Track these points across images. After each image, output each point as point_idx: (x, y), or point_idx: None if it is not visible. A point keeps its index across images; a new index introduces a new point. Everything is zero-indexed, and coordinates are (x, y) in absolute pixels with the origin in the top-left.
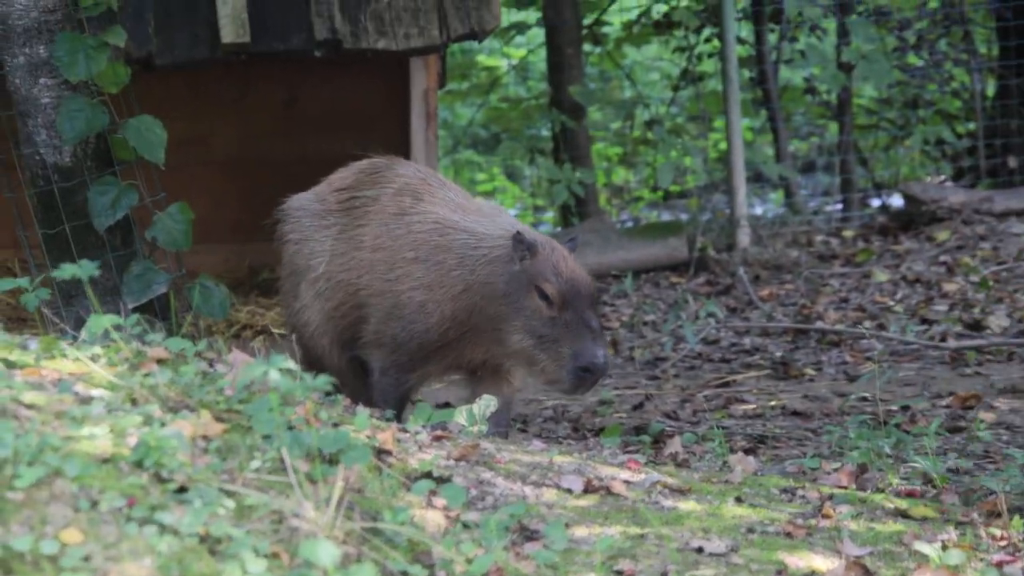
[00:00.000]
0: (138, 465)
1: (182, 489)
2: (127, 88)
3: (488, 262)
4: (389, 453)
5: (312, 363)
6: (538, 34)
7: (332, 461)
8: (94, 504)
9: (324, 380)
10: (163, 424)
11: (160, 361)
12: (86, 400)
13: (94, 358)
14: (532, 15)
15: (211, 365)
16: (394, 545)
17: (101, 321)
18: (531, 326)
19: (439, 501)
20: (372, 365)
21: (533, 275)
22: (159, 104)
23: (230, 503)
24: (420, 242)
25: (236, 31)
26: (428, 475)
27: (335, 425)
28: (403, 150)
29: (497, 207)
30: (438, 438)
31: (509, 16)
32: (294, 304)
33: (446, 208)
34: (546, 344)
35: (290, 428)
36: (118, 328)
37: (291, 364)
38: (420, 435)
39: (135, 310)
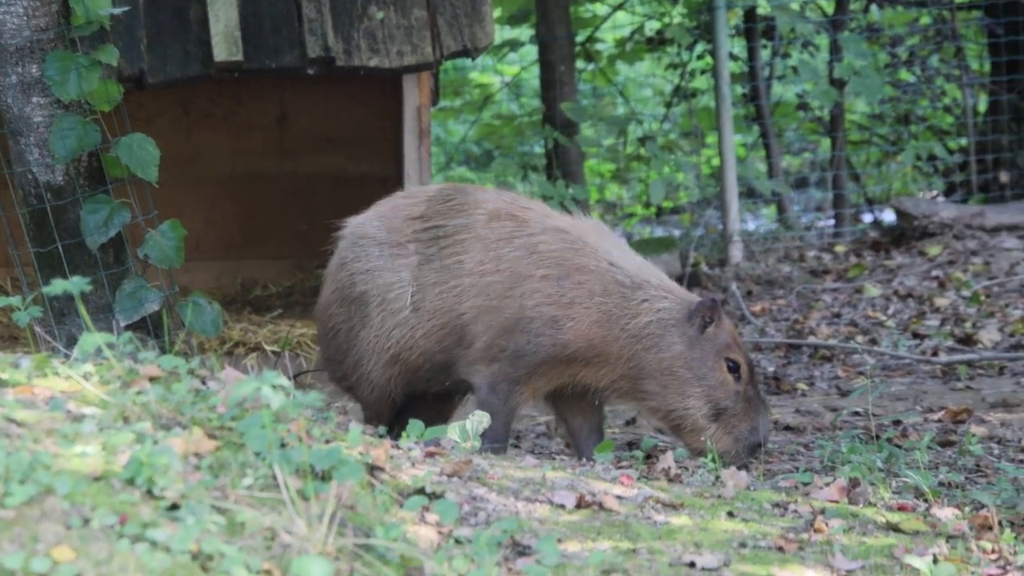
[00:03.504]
0: (130, 482)
1: (174, 506)
2: (119, 106)
3: (654, 312)
4: (382, 469)
5: (365, 390)
6: (531, 51)
7: (325, 478)
8: (86, 521)
9: (316, 396)
10: (155, 441)
11: (152, 379)
12: (78, 418)
13: (86, 376)
14: (525, 32)
15: (204, 382)
16: (386, 561)
17: (93, 339)
18: (714, 397)
19: (432, 517)
20: (478, 383)
21: (720, 347)
22: (151, 122)
23: (222, 520)
24: (552, 261)
25: (229, 49)
26: (421, 491)
27: (327, 442)
28: (396, 167)
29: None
30: (431, 454)
31: (502, 33)
32: (359, 332)
33: (569, 228)
34: (724, 417)
35: (282, 445)
36: (110, 346)
37: (283, 381)
38: (413, 451)
39: (127, 328)
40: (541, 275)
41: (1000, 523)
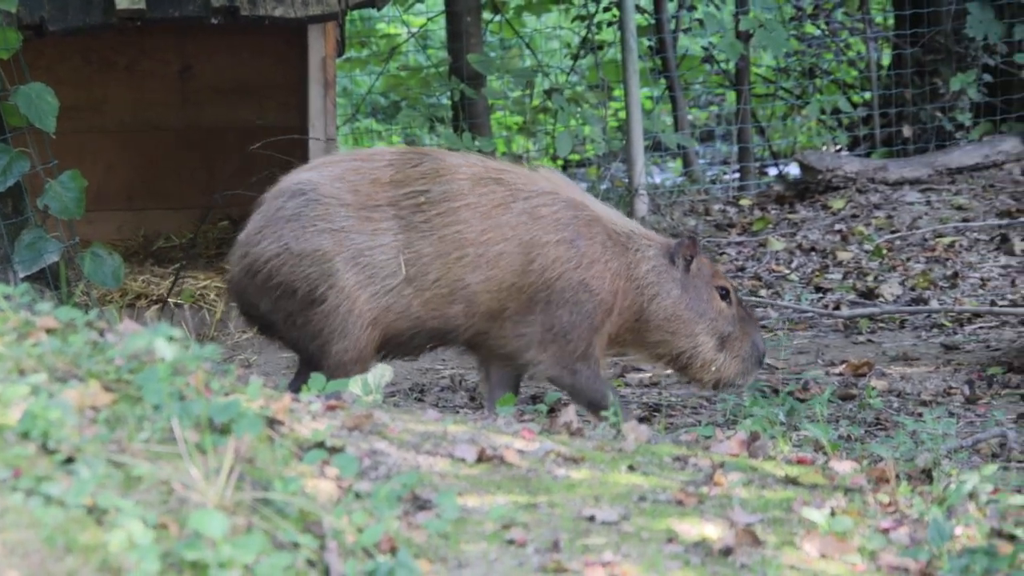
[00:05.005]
0: (24, 436)
1: (69, 460)
2: (18, 54)
3: (649, 260)
4: (281, 423)
5: (338, 350)
6: (437, 2)
7: (223, 431)
8: None
9: (214, 349)
10: (50, 394)
11: (49, 331)
12: None
13: None
14: None
15: (101, 335)
16: (285, 515)
17: None
18: (717, 328)
19: (331, 471)
20: (555, 375)
21: (707, 278)
22: (51, 70)
23: (118, 474)
24: (561, 223)
25: None
26: (320, 445)
27: (227, 395)
28: (301, 118)
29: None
30: (331, 408)
31: None
32: (324, 291)
33: (554, 185)
34: (727, 343)
35: (181, 398)
36: (6, 297)
37: (179, 333)
38: (313, 405)
39: (26, 279)
40: (556, 240)
41: (897, 476)
